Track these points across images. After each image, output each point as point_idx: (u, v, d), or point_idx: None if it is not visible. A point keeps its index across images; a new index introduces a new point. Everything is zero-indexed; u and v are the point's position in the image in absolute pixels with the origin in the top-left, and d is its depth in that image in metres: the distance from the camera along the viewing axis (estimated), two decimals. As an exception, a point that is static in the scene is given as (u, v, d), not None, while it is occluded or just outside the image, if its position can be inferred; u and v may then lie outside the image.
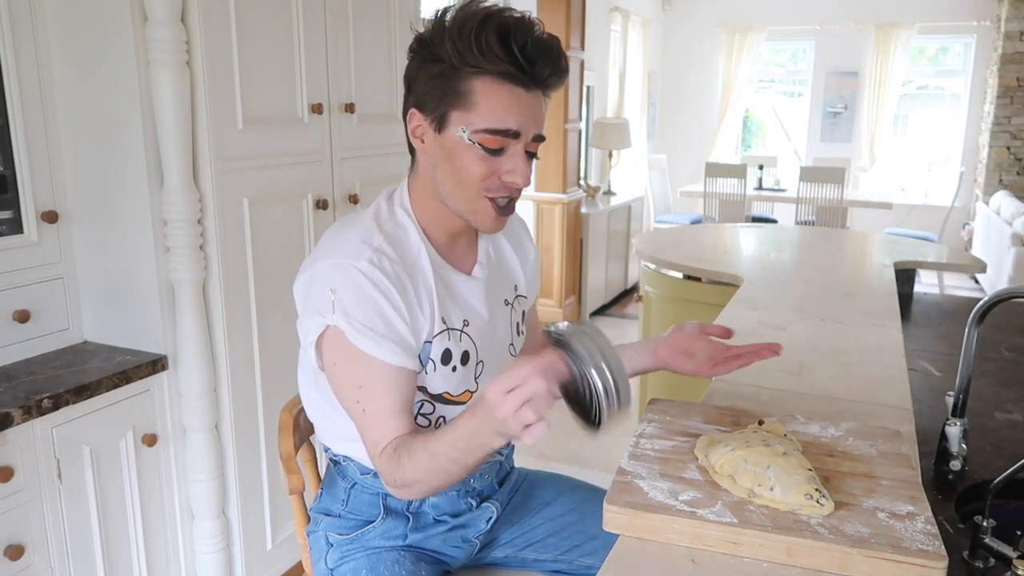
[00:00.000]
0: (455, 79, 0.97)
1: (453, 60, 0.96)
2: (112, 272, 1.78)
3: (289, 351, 2.03)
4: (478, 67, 0.95)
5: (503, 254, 1.22)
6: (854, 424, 1.12)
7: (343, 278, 0.98)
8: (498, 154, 1.00)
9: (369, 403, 1.00)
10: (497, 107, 0.97)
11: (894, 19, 7.05)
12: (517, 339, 1.22)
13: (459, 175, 1.01)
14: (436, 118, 1.00)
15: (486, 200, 1.03)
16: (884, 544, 0.81)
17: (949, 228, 6.15)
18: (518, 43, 0.95)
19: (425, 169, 1.06)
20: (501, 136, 0.98)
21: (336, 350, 1.01)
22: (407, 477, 0.98)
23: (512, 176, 1.01)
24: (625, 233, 5.83)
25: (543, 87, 1.00)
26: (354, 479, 1.16)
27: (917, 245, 2.87)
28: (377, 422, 1.01)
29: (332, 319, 0.98)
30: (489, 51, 0.94)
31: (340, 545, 1.16)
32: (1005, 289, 1.07)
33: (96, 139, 1.71)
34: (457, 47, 0.95)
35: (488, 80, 0.96)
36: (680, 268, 2.54)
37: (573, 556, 1.25)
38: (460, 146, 0.99)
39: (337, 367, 1.02)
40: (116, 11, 1.62)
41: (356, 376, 1.00)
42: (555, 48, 0.99)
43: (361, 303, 0.98)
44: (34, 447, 1.50)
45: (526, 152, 1.01)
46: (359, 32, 2.17)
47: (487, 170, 1.00)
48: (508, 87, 0.97)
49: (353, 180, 2.21)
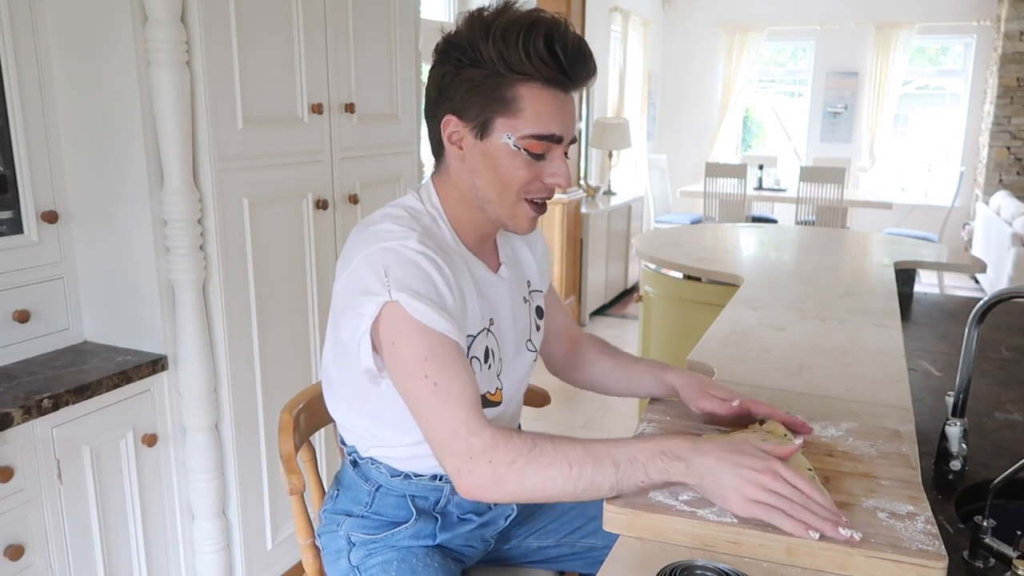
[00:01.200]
0: (500, 86, 0.97)
1: (499, 67, 0.95)
2: (112, 272, 1.78)
3: (289, 351, 2.03)
4: (526, 74, 0.95)
5: (516, 251, 1.23)
6: (854, 424, 1.12)
7: (395, 257, 0.96)
8: (541, 158, 1.01)
9: (439, 375, 0.94)
10: (544, 113, 0.98)
11: (894, 19, 7.05)
12: (535, 334, 1.22)
13: (502, 180, 1.01)
14: (478, 125, 1.00)
15: (525, 203, 1.04)
16: (884, 544, 0.81)
17: (949, 228, 6.15)
18: (562, 47, 0.95)
19: (460, 174, 1.05)
20: (546, 141, 0.99)
21: (395, 328, 0.95)
22: (512, 458, 0.89)
23: (555, 178, 1.03)
24: (625, 233, 5.83)
25: (579, 88, 1.02)
26: (379, 482, 1.15)
27: (917, 245, 2.87)
28: (452, 397, 0.93)
29: (389, 295, 0.94)
30: (538, 58, 0.94)
31: (365, 543, 1.15)
32: (1005, 289, 1.07)
33: (96, 139, 1.71)
34: (503, 54, 0.94)
35: (534, 86, 0.97)
36: (680, 268, 2.54)
37: (575, 538, 1.26)
38: (504, 152, 1.00)
39: (397, 346, 0.95)
40: (116, 11, 1.62)
41: (420, 349, 0.94)
42: (587, 49, 0.99)
43: (417, 277, 0.96)
44: (34, 447, 1.50)
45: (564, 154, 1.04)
46: (359, 32, 2.17)
47: (531, 175, 1.01)
48: (551, 92, 0.98)
49: (353, 180, 2.21)
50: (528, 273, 1.23)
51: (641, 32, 7.01)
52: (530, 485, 0.90)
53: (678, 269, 2.57)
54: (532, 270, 1.24)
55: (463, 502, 1.17)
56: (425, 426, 0.95)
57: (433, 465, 1.11)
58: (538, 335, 1.23)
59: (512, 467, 0.90)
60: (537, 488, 0.90)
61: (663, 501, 0.89)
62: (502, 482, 0.90)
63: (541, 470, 0.89)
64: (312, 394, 1.31)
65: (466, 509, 1.17)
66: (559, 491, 0.90)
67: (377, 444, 1.13)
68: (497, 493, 0.91)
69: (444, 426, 0.93)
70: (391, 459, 1.14)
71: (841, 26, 7.29)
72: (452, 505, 1.16)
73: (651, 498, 0.90)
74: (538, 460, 0.90)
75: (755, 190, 6.33)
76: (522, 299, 1.19)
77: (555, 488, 0.90)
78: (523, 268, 1.23)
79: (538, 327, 1.23)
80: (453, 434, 0.92)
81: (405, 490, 1.14)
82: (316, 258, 2.10)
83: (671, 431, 1.11)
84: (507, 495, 0.91)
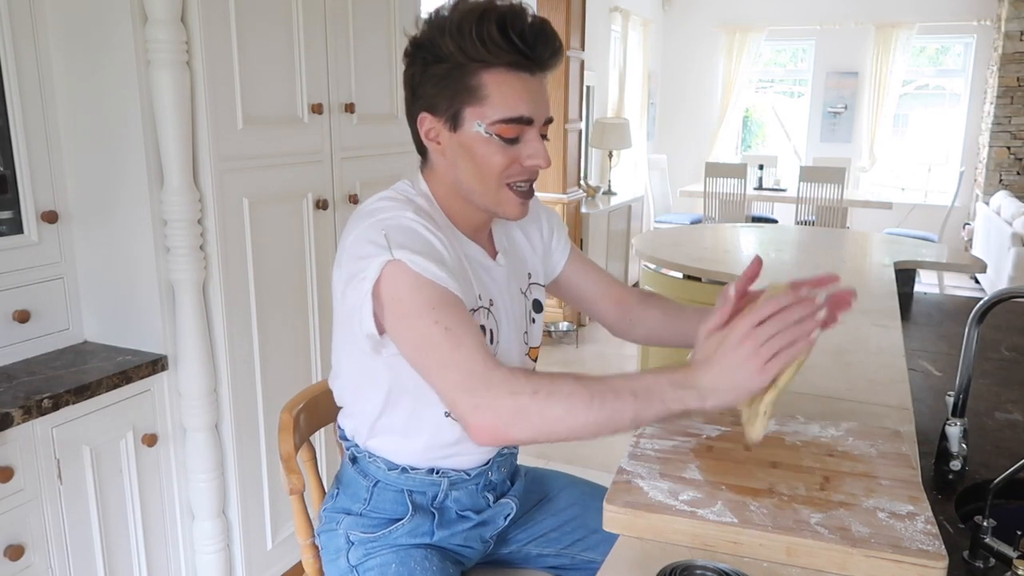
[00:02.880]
0: (463, 76, 0.99)
1: (458, 58, 0.98)
2: (112, 272, 1.77)
3: (289, 351, 2.03)
4: (484, 61, 0.98)
5: (516, 243, 1.23)
6: (854, 424, 1.12)
7: (393, 224, 0.98)
8: (515, 143, 1.02)
9: (449, 319, 0.92)
10: (509, 96, 0.99)
11: (894, 19, 7.05)
12: (531, 327, 1.22)
13: (481, 169, 1.03)
14: (449, 118, 1.02)
15: (508, 189, 1.05)
16: (884, 544, 0.81)
17: (949, 228, 6.15)
18: (516, 31, 0.97)
19: (443, 169, 1.08)
20: (516, 124, 1.01)
21: (399, 285, 0.95)
22: (534, 388, 0.87)
23: (533, 159, 1.03)
24: (625, 233, 5.83)
25: (545, 69, 1.03)
26: (377, 476, 1.16)
27: (917, 245, 2.87)
28: (466, 339, 0.91)
29: (391, 254, 0.95)
30: (492, 43, 0.96)
31: (364, 543, 1.15)
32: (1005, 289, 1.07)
33: (96, 139, 1.71)
34: (460, 45, 0.97)
35: (496, 72, 0.99)
36: (680, 268, 2.54)
37: (575, 551, 1.26)
38: (478, 141, 1.01)
39: (404, 302, 0.95)
40: (116, 11, 1.62)
41: (429, 298, 0.94)
42: (550, 30, 1.01)
43: (416, 239, 0.98)
44: (34, 447, 1.50)
45: (540, 135, 1.04)
46: (359, 32, 2.17)
47: (507, 159, 1.02)
48: (516, 75, 1.00)
49: (353, 180, 2.21)
50: (529, 266, 1.24)
51: (641, 32, 7.01)
52: (554, 416, 0.87)
53: (678, 269, 2.57)
54: (534, 263, 1.25)
55: (460, 497, 1.17)
56: (439, 373, 0.92)
57: (431, 456, 1.12)
58: (533, 328, 1.23)
59: (535, 397, 0.87)
60: (561, 420, 0.87)
61: (663, 501, 0.89)
62: (524, 414, 0.87)
63: (564, 399, 0.86)
64: (312, 394, 1.31)
65: (464, 506, 1.17)
66: (582, 423, 0.87)
67: (378, 432, 1.14)
68: (519, 427, 0.87)
69: (459, 366, 0.90)
70: (389, 451, 1.14)
71: (841, 26, 7.29)
72: (450, 501, 1.17)
73: (651, 498, 0.90)
74: (560, 390, 0.87)
75: (755, 190, 6.33)
76: (519, 291, 1.20)
77: (577, 420, 0.86)
78: (523, 260, 1.23)
79: (533, 320, 1.23)
80: (469, 372, 0.90)
81: (403, 484, 1.15)
82: (316, 258, 2.10)
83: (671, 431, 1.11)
84: (529, 428, 0.88)
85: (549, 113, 1.05)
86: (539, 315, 1.25)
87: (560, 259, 1.29)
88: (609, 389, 0.87)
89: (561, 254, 1.29)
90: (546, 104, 1.05)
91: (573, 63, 4.67)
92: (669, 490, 0.91)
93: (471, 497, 1.18)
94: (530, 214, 1.27)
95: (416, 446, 1.13)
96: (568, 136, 4.71)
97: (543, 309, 1.26)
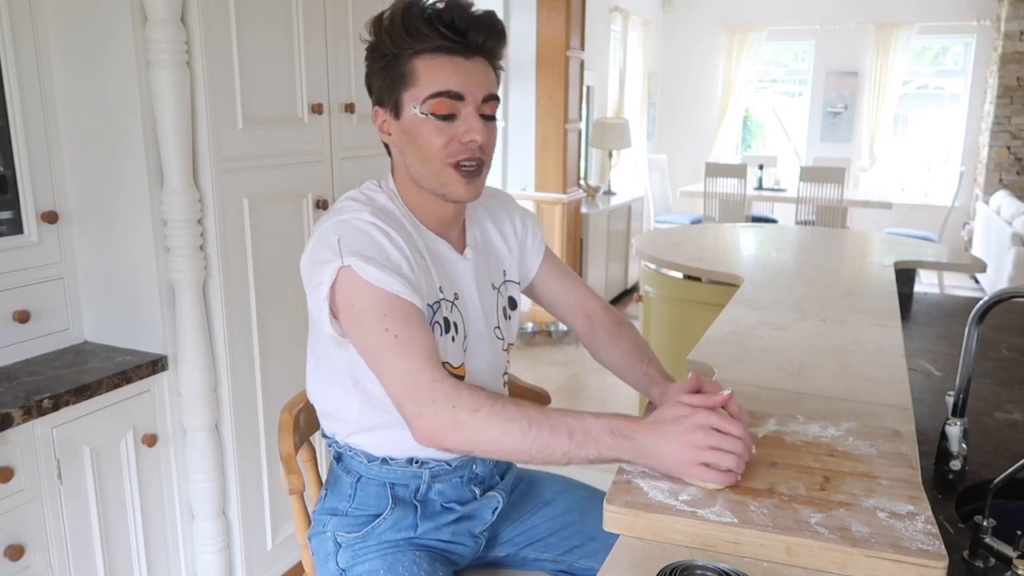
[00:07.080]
0: (398, 65, 1.06)
1: (392, 50, 1.05)
2: (112, 272, 1.78)
3: (289, 351, 2.03)
4: (413, 48, 1.04)
5: (490, 240, 1.25)
6: (854, 424, 1.12)
7: (345, 227, 1.03)
8: (451, 119, 1.06)
9: (398, 328, 0.98)
10: (439, 75, 1.04)
11: (894, 19, 7.05)
12: (504, 323, 1.23)
13: (422, 150, 1.07)
14: (392, 106, 1.08)
15: (451, 169, 1.07)
16: (884, 544, 0.81)
17: (949, 228, 6.15)
18: (445, 20, 1.02)
19: (398, 160, 1.14)
20: (445, 98, 1.04)
21: (351, 290, 1.00)
22: (475, 406, 0.92)
23: (469, 135, 1.06)
24: (625, 233, 5.83)
25: (483, 53, 1.07)
26: (359, 471, 1.16)
27: (917, 245, 2.87)
28: (413, 347, 0.97)
29: (341, 261, 1.00)
30: (417, 32, 1.03)
31: (351, 544, 1.15)
32: (1005, 289, 1.07)
33: (96, 139, 1.71)
34: (392, 37, 1.04)
35: (426, 57, 1.04)
36: (680, 268, 2.54)
37: (573, 557, 1.25)
38: (416, 123, 1.06)
39: (356, 306, 1.00)
40: (116, 11, 1.62)
41: (379, 306, 0.99)
42: (486, 18, 1.06)
43: (367, 244, 1.02)
44: (34, 447, 1.50)
45: (481, 115, 1.07)
46: (359, 32, 2.17)
47: (445, 137, 1.06)
48: (445, 58, 1.05)
49: (353, 180, 2.21)
50: (504, 264, 1.25)
51: (641, 32, 7.01)
52: (488, 436, 0.93)
53: (678, 269, 2.57)
54: (510, 263, 1.26)
55: (444, 489, 1.17)
56: (388, 377, 0.98)
57: (407, 447, 1.12)
58: (507, 324, 1.24)
59: (475, 415, 0.93)
60: (494, 440, 0.93)
61: (663, 501, 0.89)
62: (461, 427, 0.93)
63: (502, 423, 0.92)
64: (312, 394, 1.31)
65: (448, 498, 1.17)
66: (514, 447, 0.93)
67: (355, 427, 1.15)
68: (454, 439, 0.94)
69: (407, 374, 0.96)
70: (368, 444, 1.15)
71: (841, 26, 7.29)
72: (433, 493, 1.17)
73: (651, 498, 0.90)
74: (501, 413, 0.93)
75: (755, 190, 6.33)
76: (491, 285, 1.21)
77: (511, 444, 0.92)
78: (498, 258, 1.25)
79: (507, 316, 1.24)
80: (416, 382, 0.95)
81: (385, 477, 1.15)
82: (316, 258, 2.10)
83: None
84: (463, 442, 0.94)
85: (490, 91, 1.08)
86: (514, 312, 1.26)
87: (534, 262, 1.31)
88: (548, 423, 0.93)
89: (535, 257, 1.31)
90: (484, 83, 1.07)
91: (573, 63, 4.67)
92: (669, 490, 0.91)
93: (456, 489, 1.18)
94: (505, 213, 1.29)
95: (392, 436, 1.13)
96: (568, 136, 4.71)
97: (518, 307, 1.27)
